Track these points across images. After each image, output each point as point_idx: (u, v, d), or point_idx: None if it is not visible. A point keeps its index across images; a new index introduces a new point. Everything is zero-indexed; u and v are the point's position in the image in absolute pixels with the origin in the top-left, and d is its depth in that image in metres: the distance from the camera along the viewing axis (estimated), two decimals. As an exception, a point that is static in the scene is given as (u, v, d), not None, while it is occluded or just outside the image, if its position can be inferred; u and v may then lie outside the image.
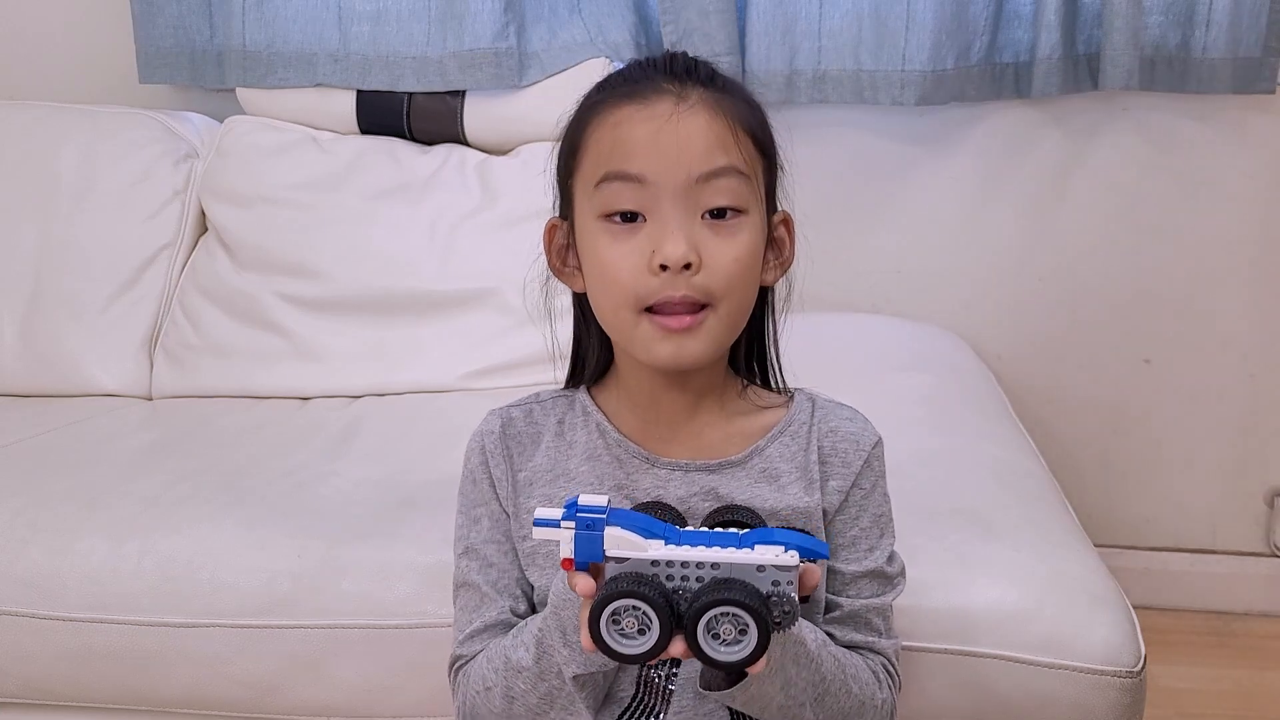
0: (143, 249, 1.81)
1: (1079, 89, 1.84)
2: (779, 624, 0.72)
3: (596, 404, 0.94)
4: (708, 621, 0.72)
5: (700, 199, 0.83)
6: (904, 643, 1.06)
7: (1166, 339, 1.99)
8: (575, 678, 0.84)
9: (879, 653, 0.93)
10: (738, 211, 0.84)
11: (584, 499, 0.75)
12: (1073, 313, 1.99)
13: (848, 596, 0.93)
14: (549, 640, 0.85)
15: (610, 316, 0.87)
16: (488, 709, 0.91)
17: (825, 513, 0.92)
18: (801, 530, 0.82)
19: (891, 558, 0.95)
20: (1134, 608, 1.13)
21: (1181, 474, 2.05)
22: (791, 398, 0.95)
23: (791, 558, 0.72)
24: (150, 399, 1.75)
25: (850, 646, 0.92)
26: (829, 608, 0.93)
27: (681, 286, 0.82)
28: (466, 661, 0.95)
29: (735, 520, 0.84)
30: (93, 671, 1.23)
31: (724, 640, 0.72)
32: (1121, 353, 2.01)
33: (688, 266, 0.82)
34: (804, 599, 0.82)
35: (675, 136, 0.82)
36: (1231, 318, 1.98)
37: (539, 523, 0.75)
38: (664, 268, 0.82)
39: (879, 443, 0.94)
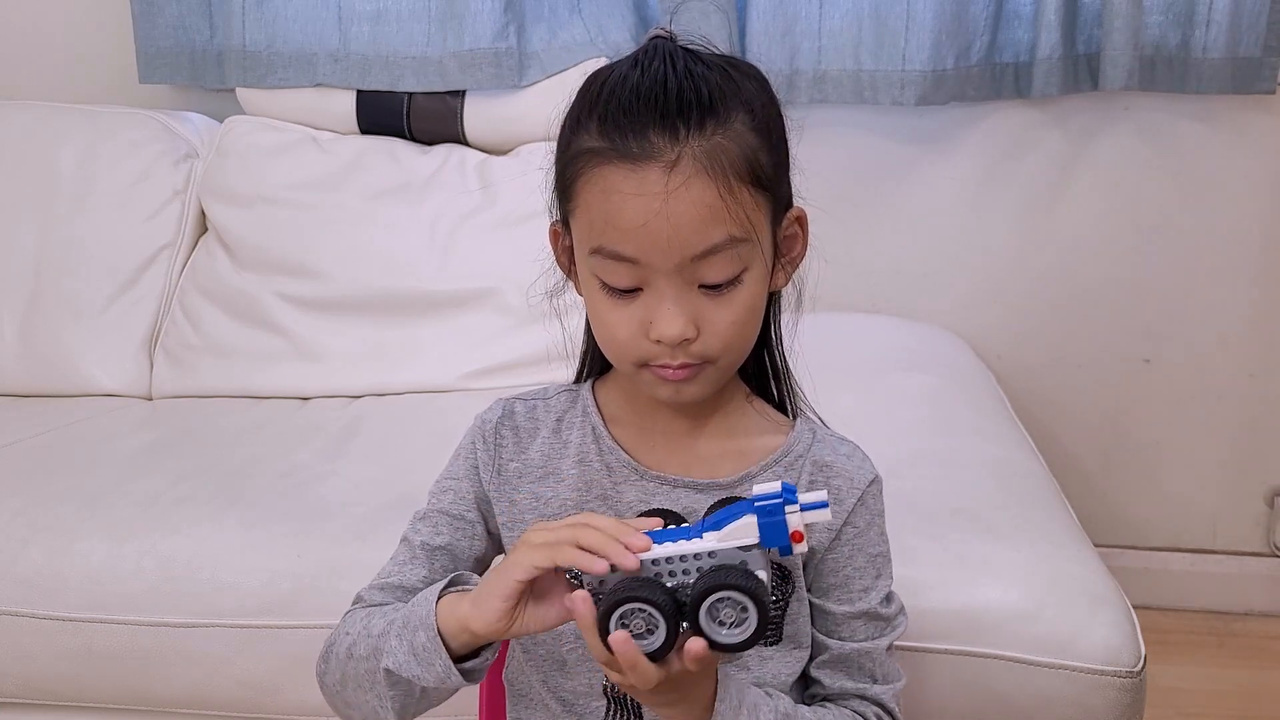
0: (143, 249, 1.81)
1: (1079, 89, 1.84)
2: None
3: (598, 403, 0.94)
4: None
5: (696, 273, 0.81)
6: (906, 642, 1.06)
7: (1166, 339, 1.99)
8: (387, 671, 0.83)
9: (871, 699, 0.89)
10: (735, 277, 0.83)
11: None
12: (1073, 313, 1.99)
13: (838, 639, 0.90)
14: (396, 625, 0.84)
15: (610, 358, 0.89)
16: (335, 655, 0.89)
17: (814, 550, 0.89)
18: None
19: (889, 599, 0.91)
20: (1134, 608, 1.13)
21: (1181, 474, 2.05)
22: (795, 425, 0.93)
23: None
24: (150, 399, 1.75)
25: (840, 693, 0.90)
26: (818, 650, 0.90)
27: (679, 355, 0.82)
28: (363, 607, 0.92)
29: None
30: (93, 671, 1.23)
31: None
32: (1121, 353, 2.01)
33: (686, 339, 0.82)
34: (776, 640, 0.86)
35: (666, 221, 0.78)
36: (1231, 317, 1.98)
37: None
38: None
39: (875, 480, 0.91)
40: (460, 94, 1.84)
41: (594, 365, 0.96)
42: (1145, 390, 2.02)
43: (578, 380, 0.98)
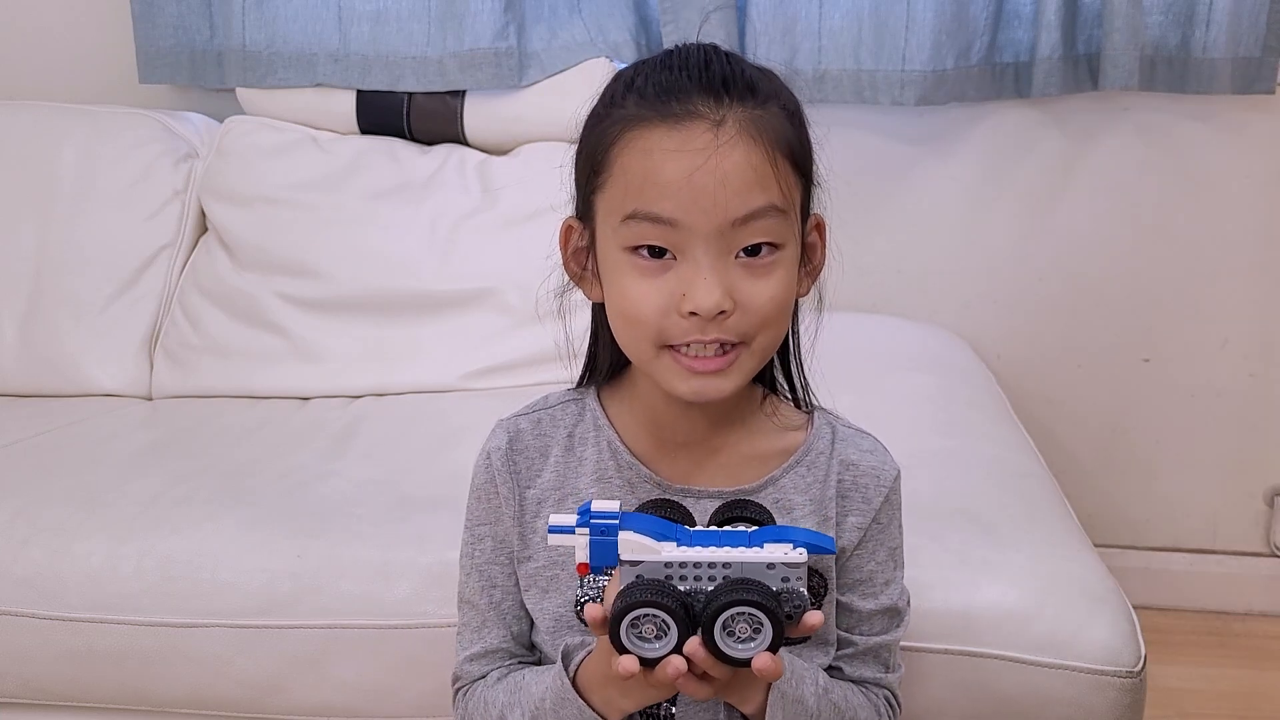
0: (143, 249, 1.81)
1: (1079, 89, 1.84)
2: (790, 617, 0.75)
3: (608, 415, 0.91)
4: (724, 621, 0.74)
5: (735, 239, 0.78)
6: (905, 642, 1.06)
7: (1166, 339, 1.99)
8: None
9: (884, 686, 0.93)
10: (774, 247, 0.80)
11: (597, 505, 0.76)
12: (1073, 313, 1.99)
13: (860, 634, 0.92)
14: None
15: (629, 346, 0.85)
16: None
17: (843, 550, 0.90)
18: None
19: (901, 591, 0.93)
20: (1134, 608, 1.13)
21: (1181, 474, 2.05)
22: (811, 419, 0.92)
23: (800, 555, 0.75)
24: (150, 399, 1.74)
25: (859, 681, 0.92)
26: (841, 644, 0.92)
27: (712, 331, 0.79)
28: (466, 686, 0.94)
29: (744, 516, 0.83)
30: (93, 671, 1.23)
31: (739, 638, 0.74)
32: (1121, 352, 2.01)
33: (721, 312, 0.78)
34: (803, 639, 0.86)
35: (711, 178, 0.76)
36: (1231, 318, 1.98)
37: (554, 529, 0.77)
38: (694, 313, 0.78)
39: (898, 476, 0.91)
40: (460, 94, 1.84)
41: (597, 371, 0.93)
42: (1145, 390, 2.02)
43: (579, 386, 0.95)
